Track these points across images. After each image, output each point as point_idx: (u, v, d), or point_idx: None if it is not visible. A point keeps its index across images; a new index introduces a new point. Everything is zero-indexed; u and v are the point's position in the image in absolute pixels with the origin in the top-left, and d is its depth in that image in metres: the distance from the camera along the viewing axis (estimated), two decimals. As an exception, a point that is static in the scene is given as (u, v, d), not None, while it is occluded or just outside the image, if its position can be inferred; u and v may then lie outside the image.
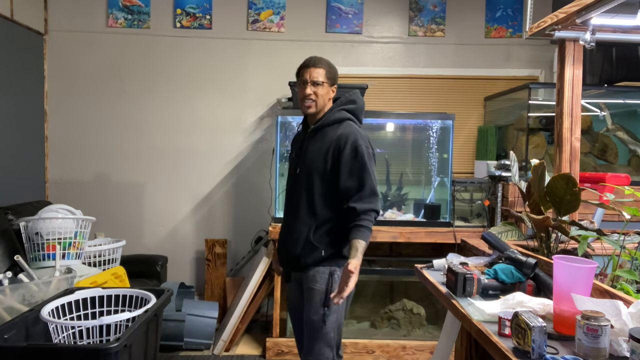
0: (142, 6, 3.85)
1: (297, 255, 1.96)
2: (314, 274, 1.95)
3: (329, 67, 2.01)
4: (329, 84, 2.00)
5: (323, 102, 2.00)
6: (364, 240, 1.87)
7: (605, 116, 3.46)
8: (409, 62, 3.96)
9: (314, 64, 2.00)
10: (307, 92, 1.97)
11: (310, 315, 1.93)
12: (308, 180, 1.96)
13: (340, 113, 2.00)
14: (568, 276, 1.27)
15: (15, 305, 2.18)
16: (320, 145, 1.97)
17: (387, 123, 3.56)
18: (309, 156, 1.99)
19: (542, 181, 1.79)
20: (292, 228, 2.00)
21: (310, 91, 1.97)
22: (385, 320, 3.37)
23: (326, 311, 1.91)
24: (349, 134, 1.93)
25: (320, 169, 1.94)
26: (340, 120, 1.99)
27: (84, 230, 2.80)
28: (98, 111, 3.90)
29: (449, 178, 3.29)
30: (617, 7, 1.68)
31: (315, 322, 1.92)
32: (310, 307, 1.94)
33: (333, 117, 1.99)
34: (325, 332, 1.92)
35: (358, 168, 1.91)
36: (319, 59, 2.02)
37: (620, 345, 1.11)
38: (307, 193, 1.96)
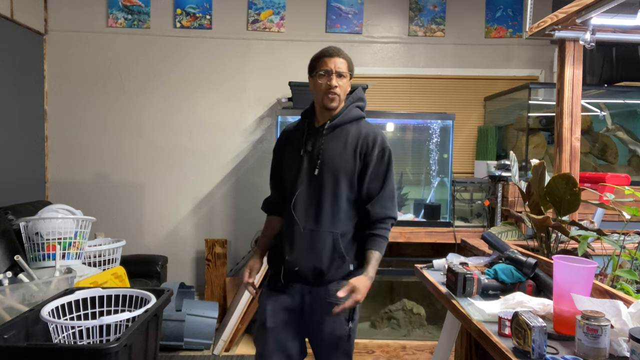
0: (142, 6, 3.85)
1: (321, 269, 1.76)
2: (337, 288, 1.71)
3: (349, 58, 1.87)
4: (350, 76, 1.85)
5: (344, 97, 1.85)
6: (379, 252, 1.78)
7: (605, 116, 3.46)
8: (409, 62, 3.96)
9: (337, 53, 1.82)
10: (334, 83, 1.77)
11: (335, 331, 1.78)
12: (334, 182, 1.78)
13: (356, 110, 1.88)
14: (568, 276, 1.27)
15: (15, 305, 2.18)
16: (344, 144, 1.81)
17: (387, 123, 3.55)
18: (330, 155, 1.80)
19: (542, 181, 1.79)
20: (312, 237, 1.77)
21: (336, 83, 1.78)
22: (385, 320, 3.36)
23: (352, 325, 1.79)
24: (376, 134, 1.83)
25: (349, 170, 1.78)
26: (358, 118, 1.88)
27: (84, 230, 2.80)
28: (98, 111, 3.90)
29: (449, 178, 3.29)
30: (617, 7, 1.68)
31: (341, 337, 1.78)
32: (335, 322, 1.77)
33: (352, 114, 1.86)
34: (349, 346, 1.82)
35: (384, 171, 1.81)
36: (340, 49, 1.85)
37: (620, 345, 1.11)
38: (332, 196, 1.78)
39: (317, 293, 1.79)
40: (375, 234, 1.79)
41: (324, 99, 1.80)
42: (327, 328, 1.78)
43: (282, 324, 1.81)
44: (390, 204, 1.82)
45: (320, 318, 1.78)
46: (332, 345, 1.79)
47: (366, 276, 1.72)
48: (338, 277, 1.78)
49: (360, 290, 1.68)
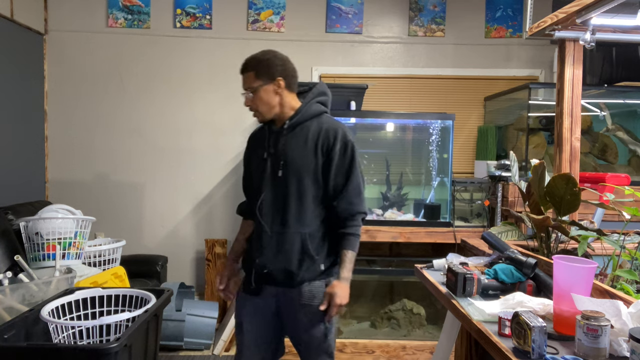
0: (142, 6, 3.85)
1: (291, 271, 1.74)
2: (310, 289, 1.76)
3: (257, 65, 1.77)
4: (266, 81, 1.76)
5: (271, 104, 1.78)
6: (351, 251, 1.76)
7: (605, 116, 3.46)
8: (409, 62, 3.96)
9: (242, 69, 1.81)
10: (245, 104, 1.81)
11: (312, 332, 1.78)
12: (298, 182, 1.75)
13: (317, 106, 1.84)
14: (568, 276, 1.27)
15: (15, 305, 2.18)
16: (305, 141, 1.77)
17: (387, 123, 3.55)
18: (292, 155, 1.77)
19: (542, 181, 1.79)
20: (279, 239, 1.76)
21: (247, 103, 1.80)
22: (385, 320, 3.36)
23: (328, 325, 1.79)
24: (337, 129, 1.78)
25: (311, 168, 1.76)
26: (319, 114, 1.83)
27: (84, 230, 2.80)
28: (98, 111, 3.90)
29: (449, 178, 3.29)
30: (617, 7, 1.68)
31: (318, 338, 1.79)
32: (311, 323, 1.77)
33: (311, 111, 1.81)
34: (328, 346, 1.82)
35: (347, 166, 1.77)
36: (246, 61, 1.81)
37: (620, 345, 1.11)
38: (298, 197, 1.75)
39: (290, 295, 1.78)
40: (346, 233, 1.77)
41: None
42: (304, 329, 1.79)
43: (257, 325, 1.83)
44: (357, 200, 1.79)
45: (296, 320, 1.79)
46: (311, 346, 1.81)
47: (341, 280, 1.73)
48: (309, 278, 1.77)
49: (339, 294, 1.71)
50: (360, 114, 3.38)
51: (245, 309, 1.85)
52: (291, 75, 1.82)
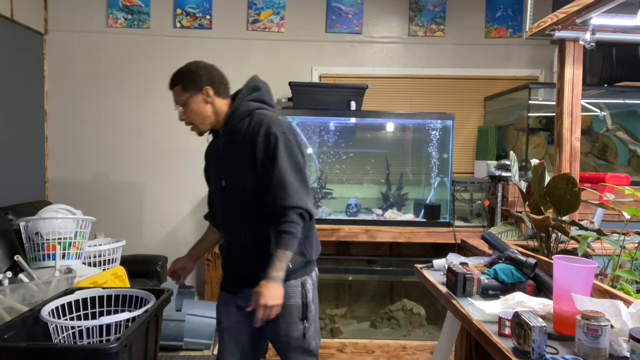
0: (142, 6, 3.85)
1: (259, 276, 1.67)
2: (285, 289, 1.70)
3: (181, 77, 1.80)
4: (194, 92, 1.77)
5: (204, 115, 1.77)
6: (282, 249, 1.63)
7: (605, 116, 3.46)
8: (409, 62, 3.96)
9: (169, 86, 1.82)
10: (179, 118, 1.81)
11: (290, 332, 1.77)
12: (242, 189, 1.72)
13: (246, 105, 1.78)
14: (568, 276, 1.27)
15: (15, 305, 2.18)
16: (239, 146, 1.73)
17: (387, 123, 3.55)
18: (230, 162, 1.76)
19: (542, 181, 1.79)
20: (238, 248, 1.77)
21: (181, 117, 1.81)
22: (385, 320, 3.36)
23: (306, 324, 1.77)
24: (261, 122, 1.70)
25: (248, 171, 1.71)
26: (249, 113, 1.76)
27: (84, 230, 2.80)
28: (98, 111, 3.90)
29: (449, 178, 3.29)
30: (617, 7, 1.68)
31: (297, 338, 1.77)
32: (288, 323, 1.76)
33: (240, 112, 1.76)
34: (308, 344, 1.80)
35: (271, 156, 1.67)
36: (173, 76, 1.82)
37: (620, 345, 1.11)
38: (243, 204, 1.72)
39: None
40: (281, 230, 1.64)
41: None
42: (282, 330, 1.78)
43: (236, 324, 1.84)
44: (283, 193, 1.65)
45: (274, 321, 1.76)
46: (290, 346, 1.80)
47: (268, 279, 1.61)
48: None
49: (264, 294, 1.59)
50: (360, 114, 3.38)
51: (223, 306, 1.88)
52: (219, 82, 1.82)
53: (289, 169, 1.67)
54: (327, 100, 3.29)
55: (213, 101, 1.79)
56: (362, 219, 3.25)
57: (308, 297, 1.79)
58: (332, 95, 3.31)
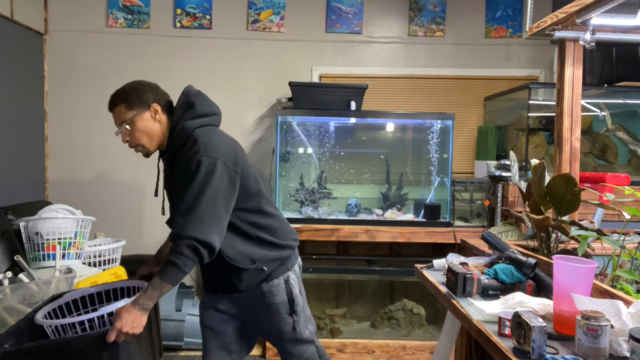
0: (142, 6, 3.85)
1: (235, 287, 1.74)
2: (269, 289, 1.75)
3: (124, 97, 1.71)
4: (139, 112, 1.68)
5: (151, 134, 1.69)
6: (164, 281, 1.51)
7: (605, 116, 3.46)
8: (409, 62, 3.96)
9: (109, 108, 1.75)
10: (123, 140, 1.71)
11: (280, 327, 1.80)
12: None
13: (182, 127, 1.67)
14: (568, 276, 1.27)
15: (15, 305, 2.18)
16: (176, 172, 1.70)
17: (387, 123, 3.56)
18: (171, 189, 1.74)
19: (542, 181, 1.79)
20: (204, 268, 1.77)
21: (125, 139, 1.71)
22: (385, 320, 3.36)
23: (295, 318, 1.79)
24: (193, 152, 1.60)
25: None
26: (187, 136, 1.66)
27: (84, 230, 2.80)
28: (98, 111, 3.89)
29: (449, 178, 3.29)
30: (617, 7, 1.68)
31: (288, 332, 1.80)
32: (277, 320, 1.79)
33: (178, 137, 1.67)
34: (300, 335, 1.82)
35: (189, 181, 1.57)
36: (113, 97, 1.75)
37: (620, 345, 1.11)
38: None
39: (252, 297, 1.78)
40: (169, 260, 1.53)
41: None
42: (272, 326, 1.81)
43: (219, 321, 1.85)
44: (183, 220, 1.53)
45: (263, 319, 1.81)
46: (283, 340, 1.84)
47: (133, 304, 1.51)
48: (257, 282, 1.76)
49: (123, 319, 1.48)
50: (360, 114, 3.38)
51: (206, 304, 1.90)
52: (164, 99, 1.75)
53: (200, 196, 1.54)
54: (327, 100, 3.30)
55: (161, 119, 1.71)
56: (362, 219, 3.25)
57: (293, 292, 1.79)
58: (332, 95, 3.32)
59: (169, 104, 1.77)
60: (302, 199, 3.40)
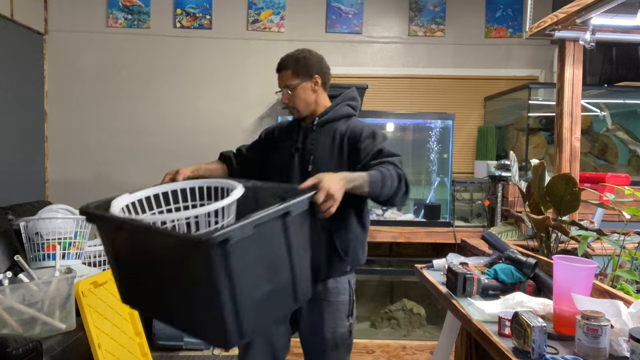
0: (142, 6, 3.85)
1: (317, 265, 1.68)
2: (336, 285, 1.76)
3: (296, 63, 1.79)
4: (304, 79, 1.79)
5: (308, 102, 1.81)
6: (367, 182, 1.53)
7: (605, 116, 3.46)
8: (409, 62, 3.96)
9: (280, 68, 1.84)
10: (284, 100, 1.83)
11: (337, 328, 1.77)
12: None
13: (347, 109, 1.86)
14: (568, 276, 1.27)
15: (15, 305, 2.18)
16: (332, 140, 1.78)
17: (387, 123, 3.55)
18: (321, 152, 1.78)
19: (542, 181, 1.79)
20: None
21: (286, 99, 1.82)
22: (385, 320, 3.36)
23: (351, 321, 1.80)
24: (364, 125, 1.79)
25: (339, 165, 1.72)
26: (348, 116, 1.85)
27: (84, 230, 2.80)
28: (98, 111, 3.90)
29: (449, 178, 3.29)
30: (617, 7, 1.68)
31: (343, 334, 1.78)
32: (336, 319, 1.77)
33: (341, 112, 1.84)
34: (350, 342, 1.83)
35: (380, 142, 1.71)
36: (283, 60, 1.83)
37: (620, 345, 1.11)
38: None
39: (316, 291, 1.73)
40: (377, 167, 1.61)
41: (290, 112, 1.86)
42: (328, 327, 1.77)
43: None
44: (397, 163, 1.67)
45: (320, 317, 1.77)
46: (335, 342, 1.79)
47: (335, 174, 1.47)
48: (334, 275, 1.76)
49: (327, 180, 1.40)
50: (360, 114, 3.37)
51: None
52: (326, 74, 1.86)
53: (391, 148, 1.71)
54: (327, 100, 3.29)
55: (318, 91, 1.83)
56: (362, 219, 3.24)
57: (354, 294, 1.82)
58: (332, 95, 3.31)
59: (328, 78, 1.87)
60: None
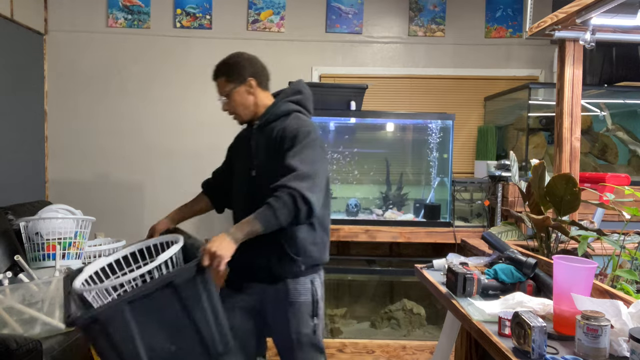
0: (142, 6, 3.85)
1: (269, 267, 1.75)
2: (295, 286, 1.76)
3: (227, 68, 1.81)
4: (238, 84, 1.79)
5: (246, 105, 1.81)
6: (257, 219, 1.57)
7: (605, 116, 3.45)
8: (409, 62, 3.96)
9: (213, 77, 1.85)
10: (222, 108, 1.85)
11: (300, 329, 1.78)
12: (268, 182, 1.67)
13: (286, 105, 1.81)
14: (568, 276, 1.27)
15: (15, 305, 2.18)
16: (270, 141, 1.77)
17: (387, 123, 3.55)
18: (261, 155, 1.80)
19: (542, 181, 1.79)
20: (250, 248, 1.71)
21: (224, 107, 1.84)
22: (385, 320, 3.36)
23: (316, 321, 1.79)
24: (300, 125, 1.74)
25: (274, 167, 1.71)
26: (287, 113, 1.80)
27: (84, 230, 2.80)
28: (98, 111, 3.90)
29: (449, 178, 3.29)
30: (617, 7, 1.68)
31: (307, 334, 1.79)
32: (299, 320, 1.78)
33: (278, 111, 1.80)
34: (317, 341, 1.82)
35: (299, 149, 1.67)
36: (216, 68, 1.84)
37: (620, 345, 1.11)
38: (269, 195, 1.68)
39: (276, 293, 1.79)
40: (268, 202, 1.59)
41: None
42: (292, 328, 1.79)
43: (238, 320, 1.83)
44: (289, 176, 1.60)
45: (283, 319, 1.79)
46: (300, 342, 1.80)
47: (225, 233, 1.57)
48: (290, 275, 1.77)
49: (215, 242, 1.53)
50: (360, 114, 3.38)
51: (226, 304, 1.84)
52: (261, 74, 1.85)
53: (306, 160, 1.66)
54: (327, 100, 3.29)
55: (255, 92, 1.83)
56: (362, 219, 3.25)
57: (317, 293, 1.81)
58: (332, 95, 3.31)
59: (266, 79, 1.87)
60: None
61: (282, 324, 1.81)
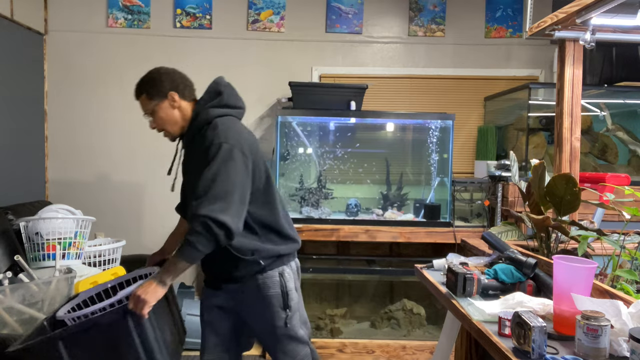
0: (142, 6, 3.85)
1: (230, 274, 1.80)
2: (263, 281, 1.78)
3: (146, 86, 1.81)
4: (159, 100, 1.78)
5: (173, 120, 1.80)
6: (180, 258, 1.59)
7: (605, 116, 3.46)
8: (409, 62, 3.96)
9: (135, 97, 1.84)
10: (150, 126, 1.85)
11: (273, 321, 1.80)
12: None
13: (206, 113, 1.77)
14: (568, 276, 1.27)
15: (15, 305, 2.18)
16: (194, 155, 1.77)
17: (387, 123, 3.56)
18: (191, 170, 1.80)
19: (542, 181, 1.79)
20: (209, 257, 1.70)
21: (152, 125, 1.83)
22: (385, 320, 3.36)
23: (288, 313, 1.80)
24: (213, 137, 1.68)
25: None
26: (209, 121, 1.75)
27: (84, 230, 2.80)
28: (98, 111, 3.90)
29: (449, 178, 3.29)
30: (617, 7, 1.68)
31: (280, 326, 1.81)
32: (271, 313, 1.80)
33: (199, 122, 1.76)
34: (294, 332, 1.83)
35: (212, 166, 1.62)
36: (136, 86, 1.83)
37: (620, 345, 1.11)
38: None
39: (249, 289, 1.81)
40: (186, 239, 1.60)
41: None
42: (266, 321, 1.82)
43: (218, 318, 1.90)
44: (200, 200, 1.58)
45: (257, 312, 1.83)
46: (275, 335, 1.83)
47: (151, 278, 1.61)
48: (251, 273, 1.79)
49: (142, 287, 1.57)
50: (360, 114, 3.38)
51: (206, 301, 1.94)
52: (183, 85, 1.82)
53: (216, 179, 1.60)
54: (327, 100, 3.30)
55: (179, 105, 1.80)
56: (362, 219, 3.25)
57: (288, 285, 1.81)
58: (332, 95, 3.32)
59: (189, 88, 1.85)
60: (302, 199, 3.40)
61: (257, 319, 1.85)
